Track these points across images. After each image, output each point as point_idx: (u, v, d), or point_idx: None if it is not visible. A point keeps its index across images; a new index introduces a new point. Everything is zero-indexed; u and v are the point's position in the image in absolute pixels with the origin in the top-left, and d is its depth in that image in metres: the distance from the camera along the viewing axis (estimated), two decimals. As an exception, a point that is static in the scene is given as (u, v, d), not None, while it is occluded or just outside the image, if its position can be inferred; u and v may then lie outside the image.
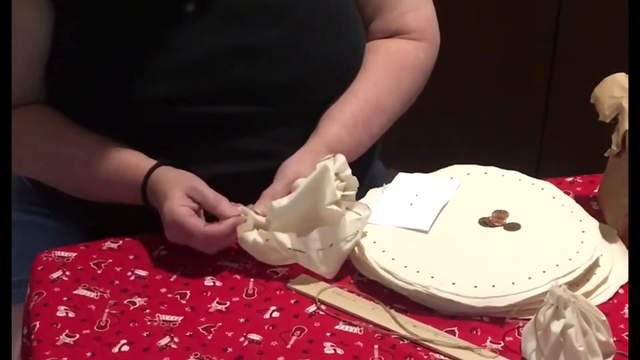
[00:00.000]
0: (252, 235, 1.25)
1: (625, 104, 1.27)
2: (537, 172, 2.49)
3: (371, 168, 1.58)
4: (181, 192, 1.27)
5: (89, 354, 1.14)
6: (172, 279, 1.26)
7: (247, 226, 1.26)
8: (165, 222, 1.27)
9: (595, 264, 1.23)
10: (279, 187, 1.29)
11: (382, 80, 1.45)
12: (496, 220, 1.30)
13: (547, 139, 2.68)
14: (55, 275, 1.28)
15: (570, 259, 1.21)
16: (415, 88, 1.50)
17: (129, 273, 1.28)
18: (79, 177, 1.37)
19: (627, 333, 1.14)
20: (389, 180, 1.40)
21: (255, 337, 1.16)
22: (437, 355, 1.12)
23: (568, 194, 1.38)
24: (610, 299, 1.21)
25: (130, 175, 1.33)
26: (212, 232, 1.25)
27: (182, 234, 1.26)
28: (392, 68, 1.47)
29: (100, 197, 1.38)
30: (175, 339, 1.16)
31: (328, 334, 1.16)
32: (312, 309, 1.20)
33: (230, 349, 1.14)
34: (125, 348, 1.15)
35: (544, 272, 1.19)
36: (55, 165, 1.37)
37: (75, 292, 1.25)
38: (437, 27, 1.54)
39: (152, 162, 1.33)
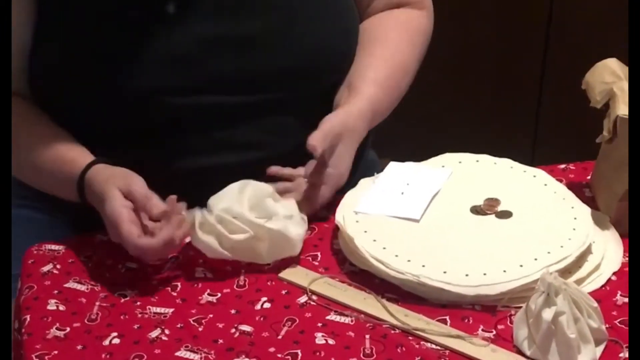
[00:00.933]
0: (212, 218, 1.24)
1: (617, 89, 1.26)
2: (532, 160, 2.48)
3: (364, 157, 1.58)
4: (117, 191, 1.24)
5: (79, 347, 1.14)
6: (162, 271, 1.26)
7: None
8: (106, 223, 1.24)
9: (587, 251, 1.22)
10: (319, 135, 1.30)
11: (402, 46, 1.48)
12: (488, 208, 1.29)
13: (542, 127, 2.68)
14: (45, 268, 1.27)
15: (562, 246, 1.20)
16: (424, 52, 1.54)
17: (120, 266, 1.28)
18: (24, 166, 1.36)
19: (619, 320, 1.14)
20: (381, 169, 1.39)
21: (246, 328, 1.16)
22: (428, 345, 1.12)
23: (561, 181, 1.37)
24: (603, 286, 1.20)
25: (67, 169, 1.32)
26: (143, 244, 1.20)
27: (119, 238, 1.23)
28: (407, 35, 1.50)
29: (44, 189, 1.38)
30: (166, 331, 1.16)
31: (319, 325, 1.15)
32: (303, 299, 1.20)
33: (221, 341, 1.14)
34: (116, 341, 1.15)
35: (536, 259, 1.18)
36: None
37: (65, 285, 1.24)
38: None
39: (89, 158, 1.32)
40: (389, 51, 1.46)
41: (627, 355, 1.08)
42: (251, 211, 1.24)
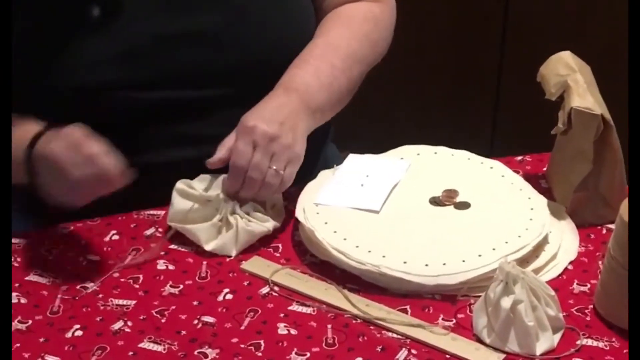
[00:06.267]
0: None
1: (571, 81, 1.29)
2: (490, 151, 2.51)
3: (324, 150, 1.59)
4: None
5: (42, 340, 1.14)
6: (124, 263, 1.26)
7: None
8: (61, 144, 1.20)
9: (544, 241, 1.24)
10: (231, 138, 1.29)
11: (332, 31, 1.45)
12: (446, 199, 1.31)
13: (500, 119, 2.70)
14: (6, 262, 1.27)
15: (519, 236, 1.22)
16: (374, 36, 1.49)
17: (81, 258, 1.28)
18: None
19: (576, 308, 1.16)
20: (341, 162, 1.40)
21: (209, 319, 1.16)
22: (390, 334, 1.13)
23: (517, 172, 1.39)
24: (560, 275, 1.22)
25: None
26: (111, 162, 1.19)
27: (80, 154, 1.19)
28: (341, 21, 1.47)
29: None
30: (129, 323, 1.16)
31: (281, 315, 1.16)
32: (265, 290, 1.21)
33: (184, 332, 1.14)
34: (79, 333, 1.15)
35: (494, 249, 1.20)
36: None
37: (26, 278, 1.24)
38: None
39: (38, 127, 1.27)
40: (314, 40, 1.44)
41: (583, 342, 1.11)
42: None
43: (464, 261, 1.19)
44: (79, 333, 1.15)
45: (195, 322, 1.16)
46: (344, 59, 1.42)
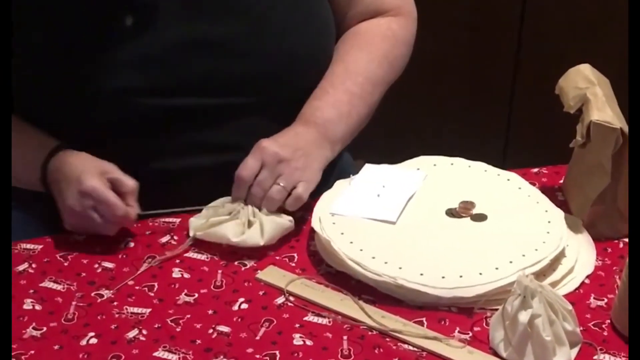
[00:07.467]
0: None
1: (590, 95, 1.28)
2: (503, 163, 2.51)
3: (339, 160, 1.58)
4: (95, 174, 1.28)
5: (56, 347, 1.14)
6: (139, 271, 1.26)
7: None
8: (78, 198, 1.27)
9: (561, 254, 1.24)
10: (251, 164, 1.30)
11: (349, 54, 1.47)
12: (463, 211, 1.30)
13: (514, 130, 2.70)
14: (21, 267, 1.27)
15: (536, 250, 1.22)
16: (392, 55, 1.51)
17: (96, 265, 1.27)
18: None
19: (593, 322, 1.15)
20: (356, 171, 1.40)
21: (224, 328, 1.16)
22: (405, 346, 1.12)
23: (534, 184, 1.39)
24: (576, 289, 1.22)
25: (32, 154, 1.33)
26: (130, 212, 1.28)
27: (93, 201, 1.26)
28: (359, 41, 1.49)
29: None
30: (144, 331, 1.16)
31: (297, 325, 1.16)
32: (280, 300, 1.20)
33: (199, 341, 1.14)
34: (93, 341, 1.14)
35: (511, 262, 1.20)
36: None
37: (41, 284, 1.24)
38: (412, 2, 1.56)
39: (54, 143, 1.33)
40: (332, 66, 1.45)
41: (601, 357, 1.10)
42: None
43: (480, 274, 1.18)
44: (93, 341, 1.14)
45: (210, 331, 1.15)
46: (362, 85, 1.44)
